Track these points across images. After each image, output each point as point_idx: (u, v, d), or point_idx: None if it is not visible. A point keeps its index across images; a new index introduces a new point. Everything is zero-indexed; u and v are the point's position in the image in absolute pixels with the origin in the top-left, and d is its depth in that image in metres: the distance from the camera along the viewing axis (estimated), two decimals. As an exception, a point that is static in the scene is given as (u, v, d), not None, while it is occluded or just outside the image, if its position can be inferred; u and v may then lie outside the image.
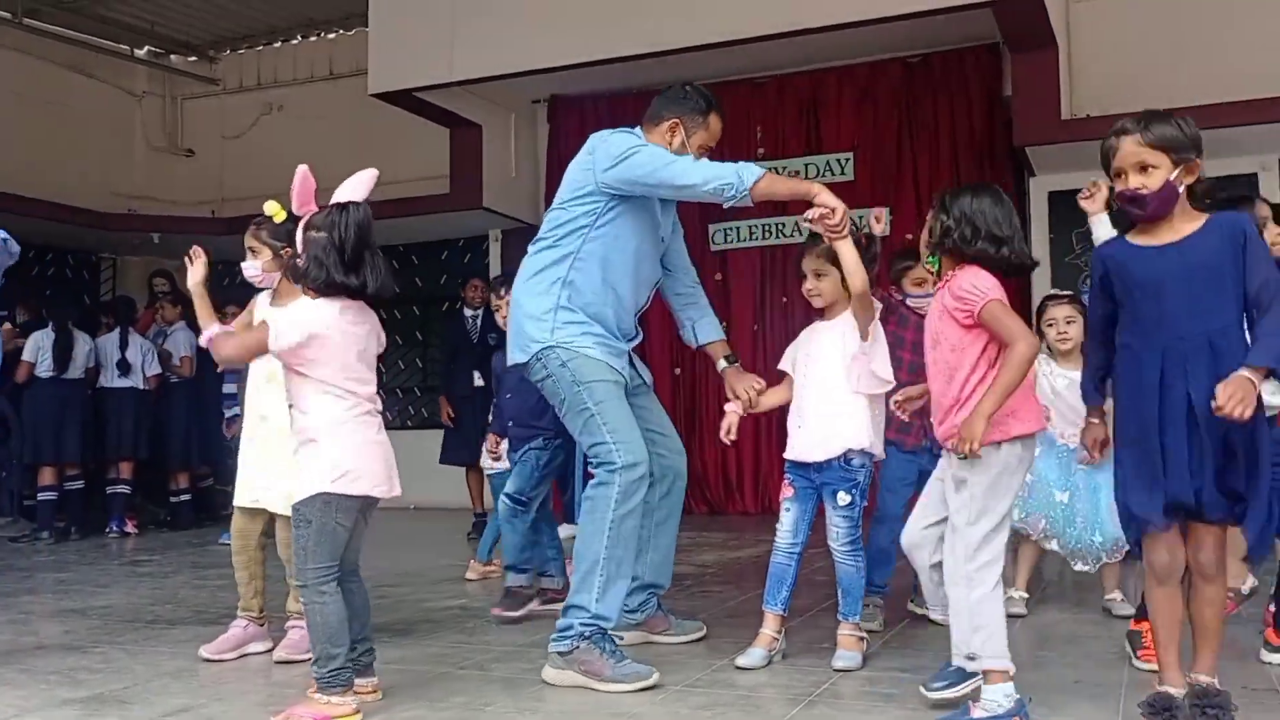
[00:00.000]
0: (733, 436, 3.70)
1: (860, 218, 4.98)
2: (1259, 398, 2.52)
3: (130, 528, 8.06)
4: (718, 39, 7.34)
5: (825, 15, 7.00)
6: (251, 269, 3.88)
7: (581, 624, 3.35)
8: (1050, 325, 4.29)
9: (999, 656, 2.75)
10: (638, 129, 3.80)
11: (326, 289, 3.00)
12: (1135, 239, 2.76)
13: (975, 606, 2.76)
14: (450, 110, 8.72)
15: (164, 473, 8.46)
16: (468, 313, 7.87)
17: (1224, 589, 2.75)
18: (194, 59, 11.47)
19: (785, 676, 3.37)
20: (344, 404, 3.00)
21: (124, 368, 8.01)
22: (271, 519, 3.85)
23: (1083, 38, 7.81)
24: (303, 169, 3.17)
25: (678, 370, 9.12)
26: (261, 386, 3.84)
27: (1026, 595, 4.34)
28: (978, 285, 2.80)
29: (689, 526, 7.85)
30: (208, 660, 3.72)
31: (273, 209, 3.72)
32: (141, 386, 8.10)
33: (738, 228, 8.98)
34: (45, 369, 7.72)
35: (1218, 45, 7.42)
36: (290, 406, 3.07)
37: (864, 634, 3.55)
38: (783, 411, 3.77)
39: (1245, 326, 2.62)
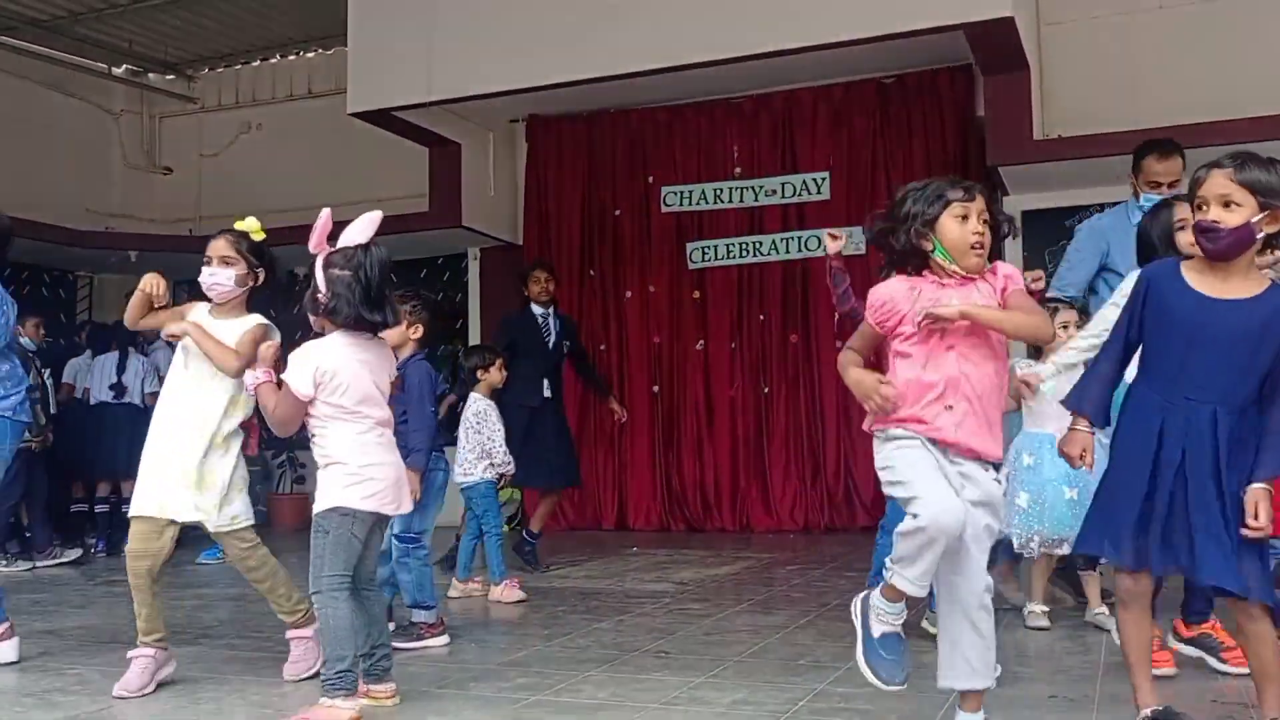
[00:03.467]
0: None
1: (849, 234, 5.05)
2: None
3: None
4: (695, 60, 7.40)
5: (801, 37, 7.07)
6: (223, 278, 3.73)
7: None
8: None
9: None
10: None
11: (354, 324, 3.20)
12: (1190, 276, 2.65)
13: None
14: (429, 129, 8.75)
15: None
16: (536, 310, 6.84)
17: (1265, 627, 2.63)
18: (172, 77, 11.44)
19: (763, 694, 3.39)
20: (358, 427, 3.21)
21: (119, 390, 7.99)
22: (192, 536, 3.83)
23: (1053, 60, 7.93)
24: (326, 212, 3.27)
25: (656, 389, 9.15)
26: (177, 394, 3.75)
27: (1047, 608, 4.38)
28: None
29: (668, 544, 7.93)
30: (121, 698, 3.49)
31: (253, 226, 3.75)
32: (139, 405, 8.04)
33: (715, 246, 9.05)
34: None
35: (1184, 69, 7.54)
36: (311, 436, 3.24)
37: None
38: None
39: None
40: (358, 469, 3.17)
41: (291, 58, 11.03)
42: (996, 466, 2.80)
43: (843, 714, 3.14)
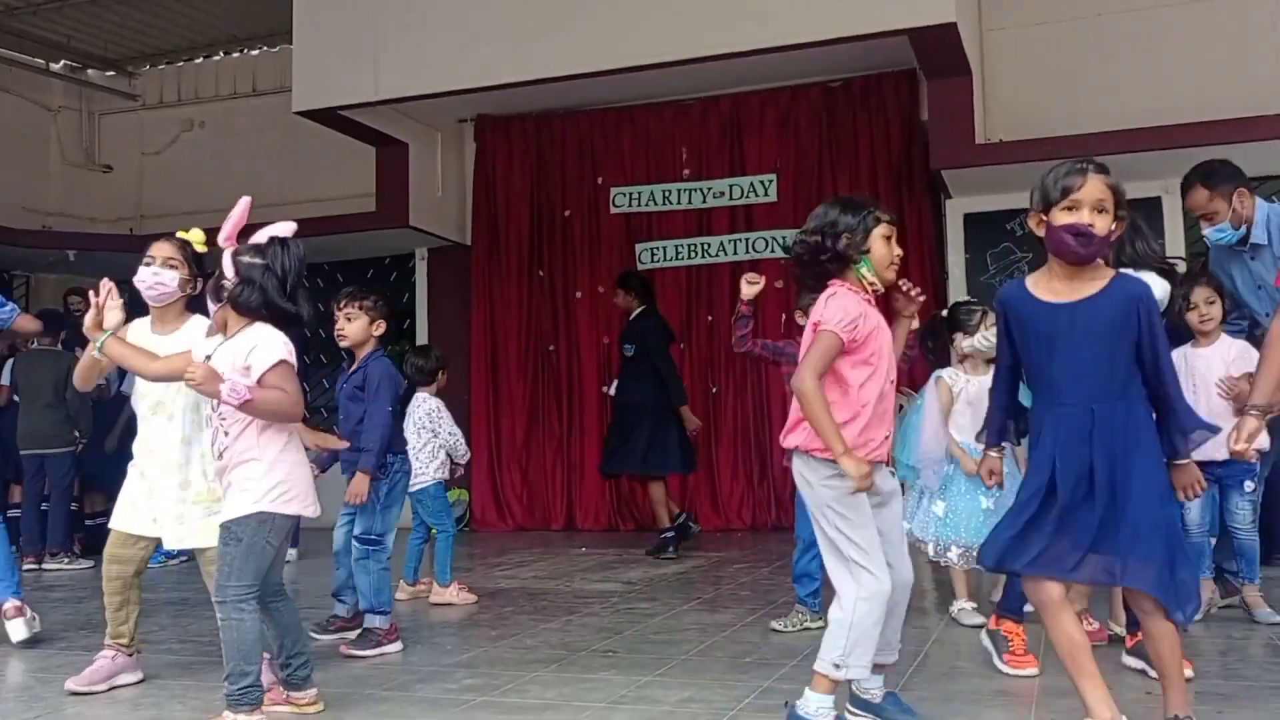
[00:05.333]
0: None
1: (782, 239, 5.10)
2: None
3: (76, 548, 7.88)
4: (643, 61, 7.42)
5: (748, 40, 7.12)
6: (167, 279, 3.65)
7: None
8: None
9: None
10: None
11: (265, 311, 3.06)
12: (1035, 289, 2.72)
13: None
14: (376, 129, 8.67)
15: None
16: None
17: (1165, 624, 2.66)
18: (112, 74, 11.23)
19: (710, 691, 3.41)
20: (284, 427, 3.11)
21: None
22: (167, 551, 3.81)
23: (995, 66, 8.06)
24: (245, 200, 3.20)
25: (605, 389, 9.14)
26: (148, 418, 3.70)
27: (975, 604, 4.47)
28: None
29: (616, 543, 7.93)
30: (75, 693, 3.54)
31: (198, 237, 3.70)
32: None
33: (664, 247, 9.07)
34: None
35: (1123, 74, 7.71)
36: (215, 430, 3.12)
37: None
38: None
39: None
40: (279, 471, 3.06)
41: (235, 55, 10.89)
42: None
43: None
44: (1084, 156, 2.75)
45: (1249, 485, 4.33)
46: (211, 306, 3.22)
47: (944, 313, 4.60)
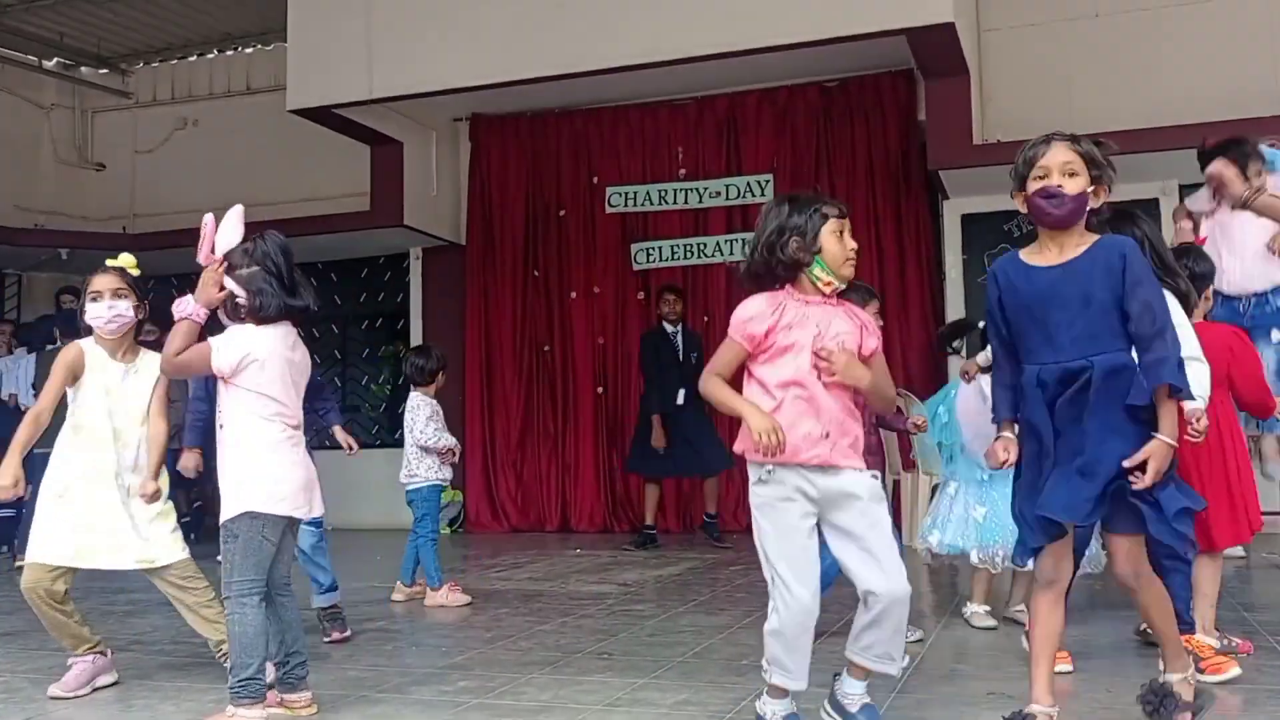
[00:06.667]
0: None
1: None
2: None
3: None
4: (638, 61, 7.40)
5: (745, 39, 7.10)
6: (123, 309, 3.64)
7: None
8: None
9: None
10: None
11: (283, 314, 3.16)
12: (1027, 257, 2.81)
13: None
14: (370, 127, 8.64)
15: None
16: (668, 328, 7.70)
17: (1155, 594, 2.79)
18: (105, 71, 11.18)
19: (706, 694, 3.39)
20: (274, 427, 3.15)
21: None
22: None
23: (992, 66, 8.06)
24: (209, 218, 3.20)
25: (600, 390, 9.13)
26: (69, 437, 3.67)
27: (989, 608, 4.43)
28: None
29: (611, 545, 7.90)
30: (57, 698, 3.53)
31: (129, 261, 3.74)
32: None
33: (660, 247, 9.05)
34: None
35: (1119, 75, 7.71)
36: (220, 427, 3.18)
37: None
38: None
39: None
40: (269, 472, 3.12)
41: (230, 53, 10.85)
42: None
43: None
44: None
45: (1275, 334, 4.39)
46: (230, 324, 3.21)
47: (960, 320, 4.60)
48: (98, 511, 3.59)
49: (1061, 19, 7.99)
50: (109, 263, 3.72)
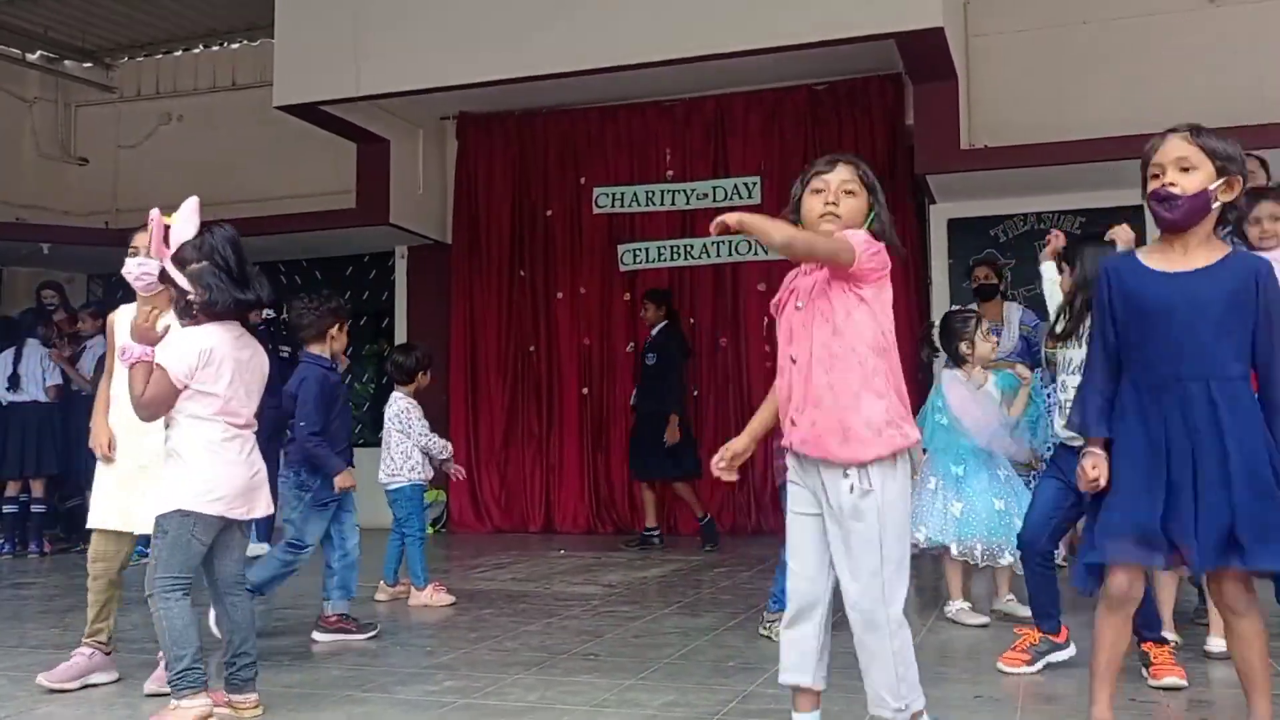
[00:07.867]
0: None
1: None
2: None
3: (47, 548, 7.76)
4: (627, 61, 7.38)
5: (734, 41, 7.09)
6: (153, 267, 3.45)
7: None
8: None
9: (921, 694, 2.60)
10: None
11: (234, 309, 3.14)
12: (1147, 259, 2.59)
13: (901, 653, 2.53)
14: (357, 124, 8.59)
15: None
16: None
17: (1258, 624, 2.56)
18: (89, 65, 11.09)
19: (693, 695, 3.38)
20: (216, 426, 3.13)
21: (14, 383, 7.74)
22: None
23: (980, 71, 8.07)
24: (155, 213, 3.17)
25: (585, 391, 9.11)
26: (115, 405, 3.65)
27: (971, 604, 4.47)
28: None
29: (595, 546, 7.89)
30: (50, 690, 3.52)
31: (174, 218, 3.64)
32: (43, 399, 7.80)
33: (646, 248, 9.03)
34: None
35: (1107, 82, 7.73)
36: (166, 424, 3.15)
37: None
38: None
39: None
40: (205, 471, 3.10)
41: (215, 48, 10.76)
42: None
43: (773, 715, 3.13)
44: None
45: None
46: (182, 323, 3.18)
47: (936, 322, 4.61)
48: (132, 476, 3.58)
49: (1050, 25, 8.01)
50: (156, 215, 3.60)
